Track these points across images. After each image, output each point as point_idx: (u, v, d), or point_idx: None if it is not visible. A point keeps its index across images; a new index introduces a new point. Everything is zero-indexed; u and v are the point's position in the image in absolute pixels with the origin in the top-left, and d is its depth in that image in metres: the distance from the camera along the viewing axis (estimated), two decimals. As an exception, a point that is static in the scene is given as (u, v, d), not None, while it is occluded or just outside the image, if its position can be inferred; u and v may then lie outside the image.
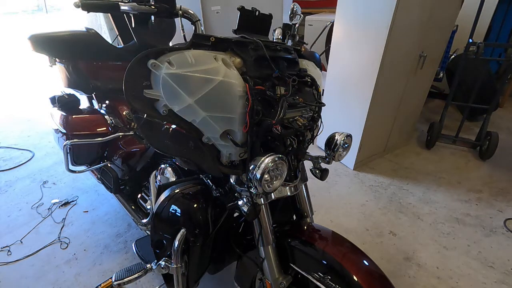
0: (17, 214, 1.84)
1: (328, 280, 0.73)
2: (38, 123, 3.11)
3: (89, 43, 1.39)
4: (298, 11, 0.90)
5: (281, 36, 0.92)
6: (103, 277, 1.42)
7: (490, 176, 2.19)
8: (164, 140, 0.69)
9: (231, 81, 0.63)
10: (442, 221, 1.77)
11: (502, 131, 2.51)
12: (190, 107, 0.62)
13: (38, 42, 1.33)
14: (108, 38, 2.82)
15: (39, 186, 2.09)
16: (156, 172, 1.21)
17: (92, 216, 1.81)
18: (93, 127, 1.48)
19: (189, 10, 0.85)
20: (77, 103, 1.56)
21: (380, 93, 1.99)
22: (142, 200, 1.46)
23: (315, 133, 0.83)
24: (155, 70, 0.59)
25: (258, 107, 0.66)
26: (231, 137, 0.68)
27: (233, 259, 1.06)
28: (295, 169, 0.84)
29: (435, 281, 1.40)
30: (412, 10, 1.78)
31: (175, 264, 0.87)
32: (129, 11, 0.74)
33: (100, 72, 1.49)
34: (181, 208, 0.89)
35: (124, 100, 0.62)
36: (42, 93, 4.03)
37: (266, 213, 0.80)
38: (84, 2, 0.68)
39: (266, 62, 0.70)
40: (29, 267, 1.48)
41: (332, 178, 2.22)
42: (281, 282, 0.82)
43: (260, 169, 0.63)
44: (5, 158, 2.46)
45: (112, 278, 0.89)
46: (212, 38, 0.65)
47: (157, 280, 1.38)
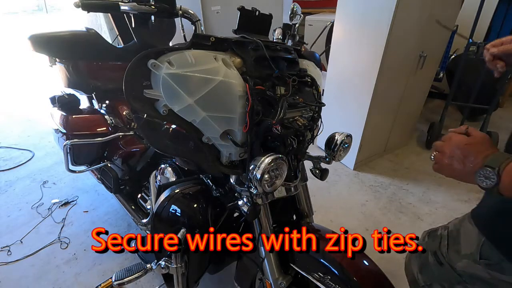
0: (17, 214, 1.84)
1: (328, 280, 0.73)
2: (38, 123, 3.11)
3: (89, 43, 1.39)
4: (298, 11, 0.90)
5: (281, 36, 0.92)
6: (103, 277, 1.42)
7: (490, 176, 2.19)
8: (164, 140, 0.69)
9: (231, 81, 0.63)
10: (442, 221, 1.77)
11: (502, 131, 2.51)
12: (190, 107, 0.62)
13: (38, 42, 1.33)
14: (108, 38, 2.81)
15: (39, 186, 2.09)
16: (156, 172, 1.21)
17: (92, 216, 1.81)
18: (93, 127, 1.48)
19: (189, 10, 0.85)
20: (77, 103, 1.56)
21: (380, 93, 1.99)
22: (142, 200, 1.46)
23: (315, 133, 0.83)
24: (155, 70, 0.59)
25: (258, 107, 0.66)
26: (231, 137, 0.68)
27: (233, 259, 1.06)
28: (295, 169, 0.83)
29: (435, 281, 1.40)
30: (412, 10, 1.78)
31: (175, 264, 0.87)
32: (129, 11, 0.74)
33: (100, 72, 1.49)
34: (181, 208, 0.89)
35: (124, 100, 0.62)
36: (42, 93, 4.03)
37: (266, 213, 0.80)
38: (84, 2, 0.68)
39: (266, 62, 0.70)
40: (29, 267, 1.48)
41: (332, 178, 2.22)
42: (281, 282, 0.82)
43: (260, 169, 0.63)
44: (5, 158, 2.47)
45: (112, 278, 0.89)
46: (212, 38, 0.65)
47: (157, 280, 1.38)
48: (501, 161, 0.46)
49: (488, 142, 0.52)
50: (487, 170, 0.47)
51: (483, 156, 0.49)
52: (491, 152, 0.49)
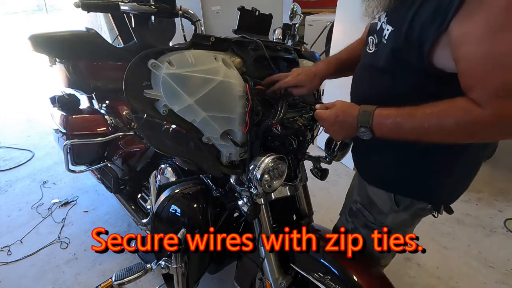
0: (17, 214, 1.84)
1: (328, 280, 0.73)
2: (38, 123, 3.11)
3: (89, 43, 1.39)
4: (298, 11, 0.90)
5: (281, 36, 0.92)
6: (103, 277, 1.42)
7: (490, 176, 2.19)
8: (164, 140, 0.69)
9: (231, 81, 0.63)
10: (442, 221, 1.76)
11: (502, 131, 2.51)
12: (190, 107, 0.62)
13: (38, 42, 1.33)
14: (108, 38, 2.81)
15: (39, 186, 2.09)
16: (156, 172, 1.21)
17: (92, 216, 1.81)
18: (93, 127, 1.48)
19: (189, 10, 0.85)
20: (77, 103, 1.56)
21: (380, 93, 1.99)
22: (142, 200, 1.46)
23: (315, 133, 0.83)
24: (155, 70, 0.59)
25: (258, 107, 0.66)
26: (231, 137, 0.68)
27: (233, 259, 1.06)
28: (295, 169, 0.84)
29: (435, 281, 1.40)
30: (412, 10, 1.78)
31: (175, 264, 0.87)
32: (129, 11, 0.74)
33: (100, 72, 1.49)
34: (181, 208, 0.89)
35: (124, 100, 0.62)
36: (42, 93, 4.03)
37: (266, 213, 0.80)
38: (84, 2, 0.68)
39: (266, 62, 0.70)
40: (29, 267, 1.48)
41: (332, 178, 2.21)
42: (281, 282, 0.82)
43: (260, 169, 0.63)
44: (5, 158, 2.46)
45: (112, 278, 0.89)
46: (212, 38, 0.66)
47: (157, 280, 1.38)
48: (367, 119, 0.56)
49: (347, 104, 0.62)
50: (362, 129, 0.57)
51: (354, 119, 0.58)
52: (356, 113, 0.58)
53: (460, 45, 0.46)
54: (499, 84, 0.43)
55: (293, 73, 0.72)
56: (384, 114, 0.55)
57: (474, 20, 0.43)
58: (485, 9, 0.42)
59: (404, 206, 0.72)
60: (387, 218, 0.77)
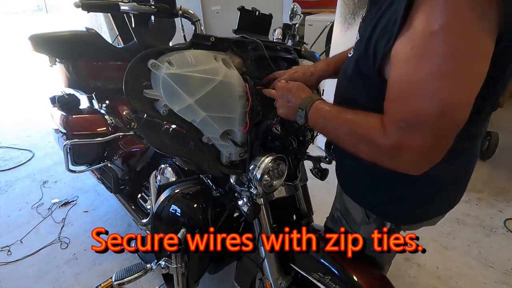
0: (17, 214, 1.84)
1: (328, 280, 0.73)
2: (38, 123, 3.11)
3: (89, 43, 1.39)
4: (298, 11, 0.90)
5: (281, 36, 0.92)
6: (103, 277, 1.42)
7: (490, 176, 2.18)
8: (164, 140, 0.69)
9: (231, 81, 0.63)
10: (442, 221, 1.75)
11: (502, 131, 2.51)
12: (190, 107, 0.62)
13: (38, 42, 1.33)
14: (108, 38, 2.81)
15: (39, 186, 2.09)
16: (156, 172, 1.21)
17: (92, 216, 1.81)
18: (93, 127, 1.48)
19: (189, 10, 0.85)
20: (77, 103, 1.56)
21: (380, 93, 1.99)
22: (142, 200, 1.46)
23: (315, 133, 0.83)
24: (155, 70, 0.59)
25: (258, 107, 0.66)
26: (231, 137, 0.69)
27: (233, 259, 1.06)
28: (295, 169, 0.84)
29: (435, 281, 1.40)
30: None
31: (175, 264, 0.87)
32: (129, 11, 0.74)
33: (100, 72, 1.49)
34: (181, 208, 0.89)
35: (124, 100, 0.62)
36: (42, 93, 4.03)
37: (266, 213, 0.80)
38: (84, 2, 0.68)
39: (266, 62, 0.70)
40: (29, 267, 1.48)
41: (332, 178, 2.21)
42: (281, 282, 0.82)
43: (260, 169, 0.63)
44: (5, 158, 2.47)
45: (112, 278, 0.89)
46: (212, 38, 0.65)
47: (157, 280, 1.38)
48: (307, 105, 0.57)
49: (303, 88, 0.63)
50: (299, 112, 0.58)
51: (300, 99, 0.59)
52: (305, 96, 0.59)
53: (391, 65, 0.45)
54: (404, 114, 0.42)
55: (290, 71, 0.72)
56: (321, 107, 0.56)
57: (403, 42, 0.42)
58: (412, 33, 0.41)
59: (373, 219, 0.73)
60: (359, 228, 0.77)
